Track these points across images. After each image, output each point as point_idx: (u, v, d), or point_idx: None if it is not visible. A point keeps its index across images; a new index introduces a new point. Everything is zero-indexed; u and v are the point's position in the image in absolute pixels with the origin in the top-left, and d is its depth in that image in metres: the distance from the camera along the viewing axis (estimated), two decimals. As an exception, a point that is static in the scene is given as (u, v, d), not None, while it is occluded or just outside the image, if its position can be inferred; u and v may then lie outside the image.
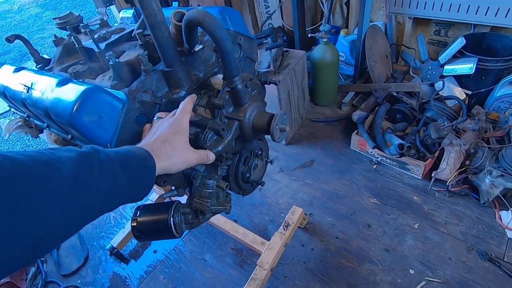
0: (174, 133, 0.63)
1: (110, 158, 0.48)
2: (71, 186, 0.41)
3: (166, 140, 0.61)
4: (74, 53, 0.99)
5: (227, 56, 0.67)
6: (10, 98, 0.85)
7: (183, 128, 0.65)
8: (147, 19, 0.66)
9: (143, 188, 0.54)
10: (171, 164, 0.60)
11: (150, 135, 0.65)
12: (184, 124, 0.67)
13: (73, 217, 0.42)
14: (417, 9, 2.07)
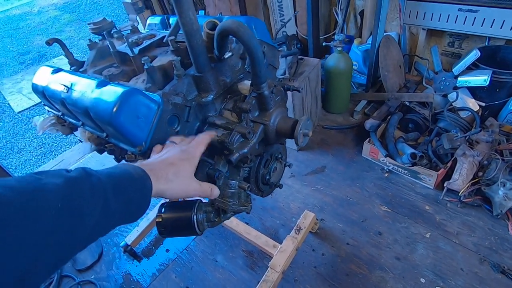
0: (183, 159, 0.62)
1: (102, 182, 0.46)
2: (57, 216, 0.38)
3: (172, 164, 0.59)
4: (107, 57, 1.05)
5: (258, 64, 0.72)
6: (49, 98, 0.91)
7: (194, 157, 0.65)
8: (184, 26, 0.71)
9: (138, 210, 0.52)
10: (169, 188, 0.57)
11: (158, 155, 0.64)
12: (197, 153, 0.66)
13: (61, 248, 0.39)
14: (432, 21, 2.10)
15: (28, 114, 4.08)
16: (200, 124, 0.86)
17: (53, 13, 7.48)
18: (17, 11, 8.12)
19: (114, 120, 0.69)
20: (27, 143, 3.57)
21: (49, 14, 7.45)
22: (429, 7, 2.05)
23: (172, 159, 0.61)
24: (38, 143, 3.54)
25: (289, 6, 2.80)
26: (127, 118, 0.70)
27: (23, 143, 3.59)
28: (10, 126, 3.91)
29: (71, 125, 1.06)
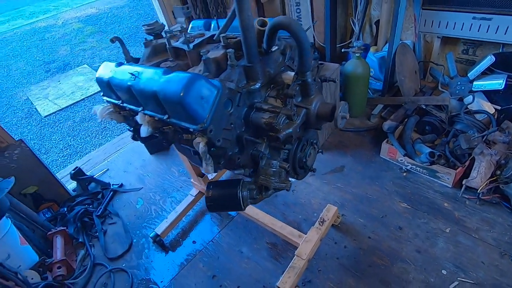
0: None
1: None
2: None
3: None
4: (160, 53, 1.19)
5: (305, 54, 0.83)
6: (114, 86, 1.04)
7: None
8: (242, 23, 0.84)
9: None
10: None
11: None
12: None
13: None
14: (446, 29, 2.21)
15: (54, 118, 4.29)
16: (247, 109, 0.97)
17: (76, 25, 7.88)
18: (43, 23, 8.58)
19: (183, 100, 0.81)
20: (54, 144, 3.75)
21: (72, 26, 7.85)
22: (444, 16, 2.17)
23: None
24: (64, 144, 3.72)
25: (308, 16, 2.96)
26: (193, 99, 0.82)
27: (49, 144, 3.77)
28: (38, 129, 4.11)
29: (125, 114, 1.19)
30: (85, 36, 7.13)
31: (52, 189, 2.24)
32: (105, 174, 2.62)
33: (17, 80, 5.58)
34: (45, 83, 5.30)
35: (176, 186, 2.35)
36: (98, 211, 2.19)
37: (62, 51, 6.53)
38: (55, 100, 4.70)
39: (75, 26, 7.85)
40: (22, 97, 4.98)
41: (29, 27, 8.44)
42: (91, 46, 6.56)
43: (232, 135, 0.95)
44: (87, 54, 6.19)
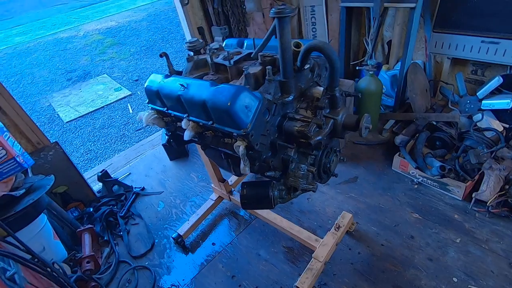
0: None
1: None
2: None
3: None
4: (200, 67, 1.34)
5: (336, 72, 0.97)
6: (163, 95, 1.19)
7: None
8: (282, 45, 0.98)
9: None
10: None
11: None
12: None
13: None
14: (456, 51, 2.34)
15: (75, 124, 4.49)
16: (280, 118, 1.10)
17: (97, 37, 8.26)
18: (65, 34, 9.00)
19: (230, 109, 0.95)
20: (75, 149, 3.93)
21: (93, 38, 8.22)
22: (454, 39, 2.31)
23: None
24: (85, 149, 3.89)
25: (323, 35, 3.13)
26: (239, 108, 0.96)
27: (70, 149, 3.95)
28: (59, 134, 4.31)
29: (167, 120, 1.33)
30: (105, 47, 7.46)
31: (80, 190, 2.38)
32: (128, 178, 2.76)
33: (41, 87, 5.86)
34: (66, 90, 5.56)
35: (196, 191, 2.47)
36: (121, 212, 2.32)
37: (83, 61, 6.84)
38: (76, 107, 4.92)
39: (96, 37, 8.22)
40: (45, 103, 5.22)
41: (52, 37, 8.86)
42: (110, 57, 6.86)
43: (267, 141, 1.08)
44: (107, 64, 6.47)
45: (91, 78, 5.95)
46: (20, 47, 8.40)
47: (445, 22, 2.29)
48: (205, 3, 2.73)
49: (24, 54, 7.78)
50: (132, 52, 6.86)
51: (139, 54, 6.71)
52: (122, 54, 6.91)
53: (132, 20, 9.10)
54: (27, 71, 6.66)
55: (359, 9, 2.75)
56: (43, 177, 1.77)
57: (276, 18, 0.94)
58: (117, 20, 9.41)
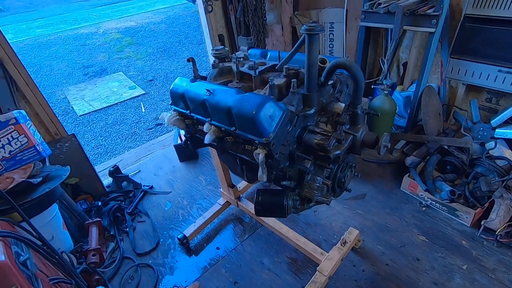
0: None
1: None
2: None
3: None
4: (224, 74, 1.38)
5: (360, 91, 1.00)
6: (188, 98, 1.23)
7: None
8: (310, 60, 1.02)
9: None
10: None
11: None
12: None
13: None
14: (472, 77, 2.37)
15: (88, 118, 4.58)
16: (301, 130, 1.13)
17: (116, 35, 8.46)
18: (85, 30, 9.25)
19: (255, 116, 0.98)
20: (86, 142, 3.99)
21: (112, 36, 8.42)
22: (470, 66, 2.33)
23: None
24: (96, 143, 3.96)
25: (340, 51, 3.19)
26: (263, 117, 0.99)
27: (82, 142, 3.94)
28: (72, 126, 4.39)
29: (188, 122, 1.37)
30: (122, 46, 7.63)
31: (90, 183, 2.42)
32: (137, 175, 2.80)
33: (57, 79, 6.00)
34: (82, 85, 5.68)
35: (203, 194, 2.50)
36: (129, 209, 2.35)
37: (100, 57, 7.00)
38: (91, 102, 5.02)
39: (115, 36, 8.42)
40: (60, 96, 5.35)
41: (72, 32, 9.10)
42: (127, 55, 7.01)
43: (286, 150, 1.10)
44: (123, 63, 6.61)
45: (107, 74, 6.09)
46: (41, 39, 8.65)
47: (462, 49, 2.32)
48: (228, 12, 2.81)
49: (45, 46, 8.00)
50: (148, 53, 7.00)
51: (155, 55, 6.85)
52: (139, 53, 7.06)
53: (151, 22, 9.32)
54: (46, 63, 6.84)
55: (377, 29, 2.80)
56: (59, 168, 1.81)
57: (306, 34, 0.98)
58: (136, 20, 9.65)
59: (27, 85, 1.98)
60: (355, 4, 2.92)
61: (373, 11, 2.41)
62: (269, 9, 3.17)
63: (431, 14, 2.14)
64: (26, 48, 7.95)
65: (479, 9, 2.11)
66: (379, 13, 2.35)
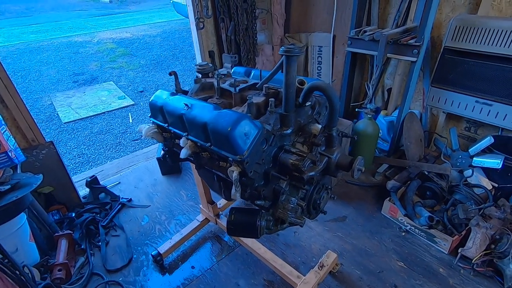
0: None
1: None
2: None
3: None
4: (207, 90, 1.38)
5: (335, 113, 1.01)
6: (167, 111, 1.22)
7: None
8: (287, 80, 1.03)
9: None
10: None
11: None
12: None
13: None
14: (452, 106, 2.45)
15: (73, 126, 4.49)
16: (277, 150, 1.12)
17: (110, 45, 8.49)
18: (79, 38, 9.25)
19: (230, 133, 0.97)
20: (68, 151, 3.89)
21: (106, 46, 8.44)
22: (450, 95, 2.42)
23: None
24: (78, 152, 3.86)
25: (327, 74, 3.27)
26: (238, 134, 0.98)
27: (64, 150, 3.91)
28: (56, 134, 4.29)
29: (166, 136, 1.35)
30: (116, 56, 7.65)
31: (65, 193, 2.33)
32: (116, 187, 2.72)
33: (45, 85, 5.91)
34: (70, 92, 5.61)
35: (183, 210, 2.44)
36: (104, 221, 2.26)
37: (92, 66, 6.98)
38: (77, 109, 4.94)
39: (109, 46, 8.44)
40: (46, 102, 5.25)
41: (66, 40, 9.09)
42: (119, 66, 7.01)
43: (261, 169, 1.09)
44: (115, 73, 6.59)
45: (97, 83, 6.04)
46: (33, 44, 8.59)
47: (442, 79, 2.41)
48: (219, 30, 2.87)
49: (36, 51, 7.93)
50: (141, 64, 7.03)
51: (148, 67, 6.87)
52: (131, 64, 7.07)
53: (147, 34, 9.42)
54: (35, 68, 6.76)
55: (363, 55, 2.89)
56: (31, 176, 1.74)
57: (284, 56, 0.99)
58: (132, 32, 9.73)
59: (6, 89, 1.94)
60: (342, 30, 3.03)
61: (358, 37, 2.50)
62: (260, 30, 3.25)
63: (413, 44, 2.23)
64: (16, 52, 7.87)
65: (457, 42, 2.22)
66: (364, 40, 2.44)
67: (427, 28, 2.16)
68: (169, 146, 1.39)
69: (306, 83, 1.11)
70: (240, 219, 1.12)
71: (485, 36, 2.07)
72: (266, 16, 3.29)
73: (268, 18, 3.31)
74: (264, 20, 3.28)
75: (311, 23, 3.26)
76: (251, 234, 1.11)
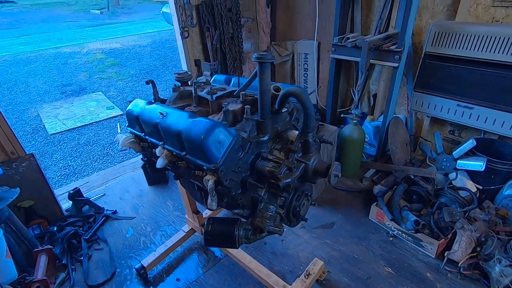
0: None
1: None
2: None
3: None
4: (184, 98, 1.37)
5: (310, 119, 1.01)
6: (142, 121, 1.20)
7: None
8: (262, 87, 1.02)
9: None
10: None
11: None
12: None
13: None
14: (435, 110, 2.48)
15: (59, 137, 4.42)
16: (254, 157, 1.11)
17: (99, 56, 8.45)
18: (68, 49, 9.20)
19: (203, 142, 0.96)
20: (54, 162, 3.82)
21: (95, 56, 8.41)
22: (432, 99, 2.45)
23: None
24: (64, 164, 3.79)
25: (313, 81, 3.29)
26: (211, 142, 0.97)
27: (50, 162, 3.84)
28: (41, 146, 4.21)
29: (144, 145, 1.33)
30: (105, 66, 7.61)
31: (47, 206, 2.27)
32: (101, 199, 2.66)
33: (32, 96, 5.83)
34: (58, 103, 5.54)
35: (169, 220, 2.39)
36: (87, 235, 2.20)
37: (81, 77, 6.92)
38: (64, 121, 4.87)
39: (98, 56, 8.41)
40: (33, 113, 5.17)
41: (55, 51, 9.02)
42: (109, 76, 6.97)
43: (238, 177, 1.07)
44: (104, 83, 6.55)
45: (85, 94, 5.98)
46: (21, 56, 8.50)
47: (424, 83, 2.45)
48: (205, 39, 2.88)
49: (23, 63, 7.84)
50: (131, 74, 7.00)
51: (137, 76, 6.85)
52: (121, 74, 7.04)
53: (137, 45, 9.42)
54: (22, 80, 6.67)
55: (348, 61, 2.93)
56: (7, 189, 1.69)
57: (258, 62, 0.99)
58: (122, 42, 9.72)
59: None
60: (327, 37, 3.07)
61: (342, 44, 2.54)
62: (246, 38, 3.27)
63: (394, 50, 2.27)
64: (3, 64, 7.78)
65: (437, 47, 2.26)
66: (347, 47, 2.47)
67: (407, 34, 2.20)
68: (148, 156, 1.36)
69: (282, 90, 1.10)
70: (218, 229, 1.09)
71: (463, 41, 2.11)
72: (252, 25, 3.32)
73: (254, 27, 3.34)
74: (250, 28, 3.31)
75: (296, 31, 3.30)
76: (229, 244, 1.09)
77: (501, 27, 2.00)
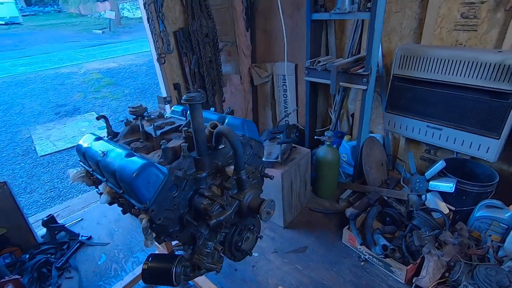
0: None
1: None
2: None
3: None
4: (135, 132, 1.40)
5: (239, 158, 1.02)
6: (88, 158, 1.23)
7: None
8: (194, 126, 1.05)
9: None
10: None
11: None
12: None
13: None
14: (407, 131, 2.49)
15: (49, 159, 4.47)
16: (192, 193, 1.13)
17: (96, 75, 8.65)
18: (66, 70, 9.43)
19: (132, 182, 0.98)
20: (40, 185, 3.86)
21: (92, 76, 8.60)
22: (404, 120, 2.47)
23: None
24: (50, 186, 3.82)
25: (293, 101, 3.33)
26: (141, 182, 0.98)
27: (37, 184, 3.88)
28: (30, 168, 4.26)
29: (96, 180, 1.35)
30: (100, 86, 7.77)
31: (20, 234, 2.28)
32: (78, 224, 2.67)
33: (27, 118, 5.95)
34: (51, 124, 5.64)
35: (142, 247, 2.38)
36: (58, 263, 2.19)
37: (76, 97, 7.06)
38: (55, 142, 4.95)
39: (94, 76, 8.60)
40: (25, 135, 5.26)
41: (54, 71, 9.26)
42: (103, 95, 7.10)
43: (175, 215, 1.08)
44: (98, 103, 6.67)
45: (78, 114, 6.09)
46: (20, 77, 8.72)
47: (395, 105, 2.47)
48: (183, 63, 2.95)
49: (22, 84, 8.04)
50: (125, 93, 7.13)
51: (132, 95, 6.97)
52: (115, 94, 7.18)
53: (133, 64, 9.64)
54: (18, 101, 6.82)
55: (325, 82, 2.97)
56: (-29, 221, 1.71)
57: (188, 104, 1.02)
58: (119, 62, 9.95)
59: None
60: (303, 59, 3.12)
61: (313, 67, 2.59)
62: (226, 61, 3.35)
63: (361, 74, 2.31)
64: (3, 86, 7.98)
65: (404, 70, 2.30)
66: (317, 70, 2.52)
67: (373, 58, 2.24)
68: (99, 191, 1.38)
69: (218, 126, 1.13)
70: (155, 266, 1.09)
71: (426, 64, 2.15)
72: (231, 48, 3.39)
73: (233, 50, 3.42)
74: (229, 52, 3.39)
75: (274, 54, 3.37)
76: (167, 282, 1.08)
77: (461, 51, 2.03)
